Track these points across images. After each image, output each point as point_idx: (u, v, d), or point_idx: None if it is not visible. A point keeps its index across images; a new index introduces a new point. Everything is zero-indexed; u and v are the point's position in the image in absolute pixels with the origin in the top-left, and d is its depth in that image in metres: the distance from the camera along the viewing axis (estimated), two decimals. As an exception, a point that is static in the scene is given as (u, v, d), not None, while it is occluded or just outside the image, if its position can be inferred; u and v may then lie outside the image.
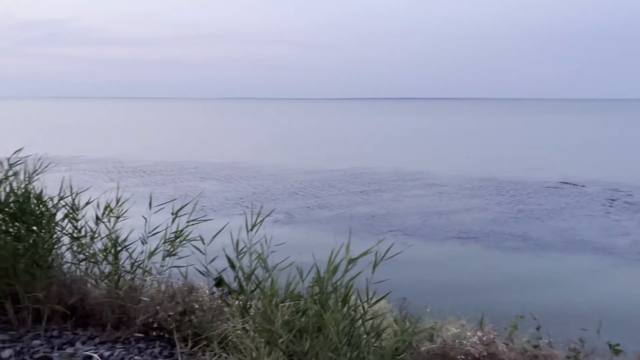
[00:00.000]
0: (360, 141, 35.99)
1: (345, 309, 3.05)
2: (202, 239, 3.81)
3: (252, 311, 3.34)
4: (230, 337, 3.31)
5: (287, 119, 74.16)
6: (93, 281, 4.17)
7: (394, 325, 3.41)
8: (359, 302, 3.27)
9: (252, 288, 3.32)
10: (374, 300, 3.33)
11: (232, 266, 3.37)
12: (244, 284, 3.32)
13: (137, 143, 31.97)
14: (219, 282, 6.76)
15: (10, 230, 4.40)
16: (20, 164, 4.74)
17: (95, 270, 4.22)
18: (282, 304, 3.08)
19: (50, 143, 29.73)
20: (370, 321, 3.36)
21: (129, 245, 4.15)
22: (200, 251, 3.81)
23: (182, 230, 4.04)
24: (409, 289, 6.13)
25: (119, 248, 4.14)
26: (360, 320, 3.19)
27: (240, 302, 3.34)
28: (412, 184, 17.15)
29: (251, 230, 3.36)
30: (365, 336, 3.11)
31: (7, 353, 3.51)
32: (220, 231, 3.83)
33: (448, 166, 21.51)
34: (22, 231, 4.33)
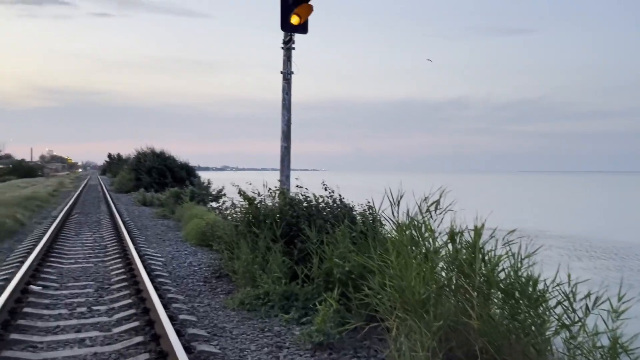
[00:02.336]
0: None
1: None
2: None
3: None
4: None
5: None
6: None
7: None
8: None
9: None
10: None
11: None
12: None
13: (609, 220, 29.76)
14: None
15: (505, 307, 4.72)
16: (513, 243, 5.07)
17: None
18: None
19: (520, 216, 31.21)
20: None
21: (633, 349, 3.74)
22: None
23: None
24: None
25: (619, 350, 3.78)
26: None
27: None
28: None
29: None
30: None
31: None
32: None
33: None
34: (516, 310, 4.57)
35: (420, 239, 5.55)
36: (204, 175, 39.70)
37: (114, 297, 7.21)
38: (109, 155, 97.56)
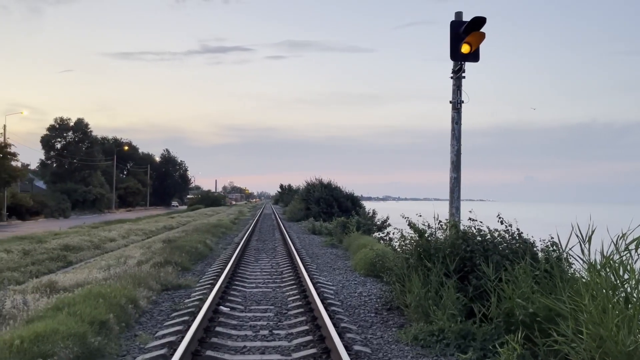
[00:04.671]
0: None
1: None
2: None
3: None
4: None
5: None
6: None
7: None
8: None
9: None
10: None
11: None
12: None
13: None
14: None
15: None
16: None
17: None
18: None
19: None
20: None
21: None
22: None
23: None
24: None
25: None
26: None
27: None
28: None
29: None
30: None
31: None
32: None
33: None
34: None
35: (619, 282, 4.93)
36: (367, 205, 40.37)
37: (291, 323, 7.59)
38: (281, 186, 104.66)
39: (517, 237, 7.71)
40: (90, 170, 72.23)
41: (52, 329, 5.63)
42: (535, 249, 7.41)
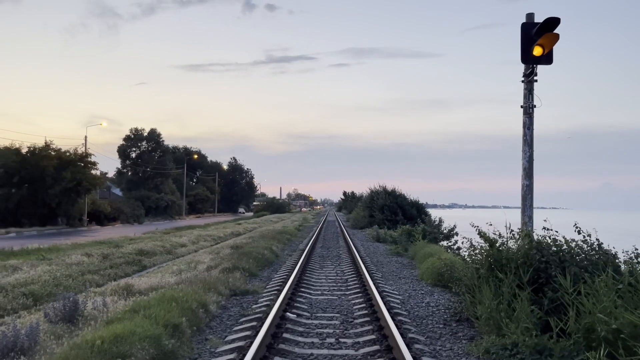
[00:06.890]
0: None
1: None
2: None
3: None
4: None
5: None
6: None
7: None
8: None
9: None
10: None
11: None
12: None
13: None
14: None
15: None
16: None
17: None
18: None
19: None
20: None
21: None
22: None
23: None
24: None
25: None
26: None
27: None
28: None
29: None
30: None
31: None
32: None
33: None
34: None
35: None
36: (432, 213, 39.55)
37: (358, 331, 7.54)
38: (344, 193, 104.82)
39: (597, 248, 7.29)
40: (162, 178, 75.54)
41: (129, 331, 5.90)
42: (617, 260, 6.98)
